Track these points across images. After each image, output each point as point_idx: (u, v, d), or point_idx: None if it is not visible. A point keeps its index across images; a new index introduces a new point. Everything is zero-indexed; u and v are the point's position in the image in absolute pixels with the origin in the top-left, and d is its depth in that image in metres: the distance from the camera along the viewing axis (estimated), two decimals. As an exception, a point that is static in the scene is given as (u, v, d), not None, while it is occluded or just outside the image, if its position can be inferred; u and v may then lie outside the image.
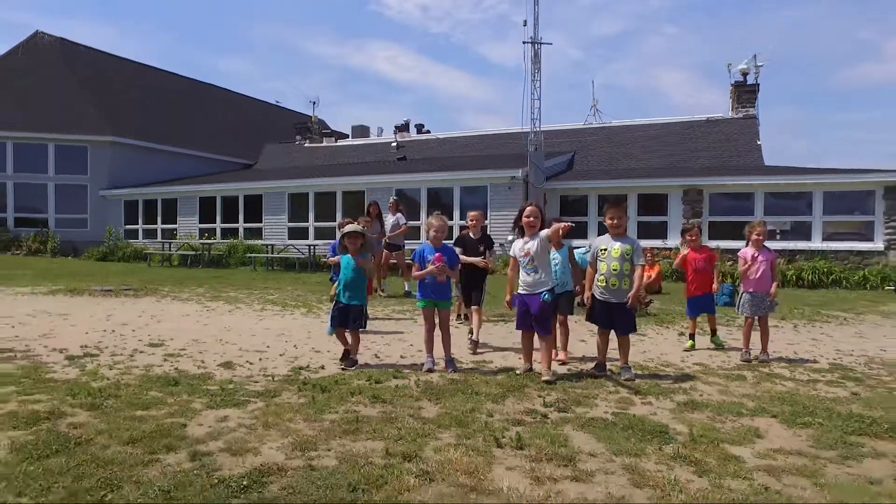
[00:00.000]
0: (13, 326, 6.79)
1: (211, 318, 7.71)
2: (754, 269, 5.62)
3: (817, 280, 14.30)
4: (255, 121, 33.87)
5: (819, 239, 15.69)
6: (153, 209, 22.82)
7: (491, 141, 24.90)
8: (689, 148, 21.65)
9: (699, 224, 16.52)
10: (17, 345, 5.70)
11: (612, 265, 4.58)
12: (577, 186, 17.94)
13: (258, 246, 18.87)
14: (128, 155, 24.26)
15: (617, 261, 4.57)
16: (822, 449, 3.18)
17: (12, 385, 4.16)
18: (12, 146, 23.25)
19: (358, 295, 5.05)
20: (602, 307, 4.67)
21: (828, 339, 6.98)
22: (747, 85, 22.43)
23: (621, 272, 4.58)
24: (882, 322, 8.51)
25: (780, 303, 6.47)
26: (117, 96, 26.39)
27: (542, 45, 17.08)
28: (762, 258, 5.63)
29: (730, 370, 5.16)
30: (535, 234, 4.57)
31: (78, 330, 6.63)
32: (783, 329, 7.76)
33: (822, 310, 9.82)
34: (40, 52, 26.24)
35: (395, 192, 17.43)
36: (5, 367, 4.75)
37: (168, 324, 7.18)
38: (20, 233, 22.54)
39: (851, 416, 3.70)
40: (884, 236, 15.09)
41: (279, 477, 2.64)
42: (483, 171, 17.03)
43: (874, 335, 7.31)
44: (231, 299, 9.80)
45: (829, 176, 15.89)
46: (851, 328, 7.92)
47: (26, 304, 8.79)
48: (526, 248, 4.56)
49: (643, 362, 5.35)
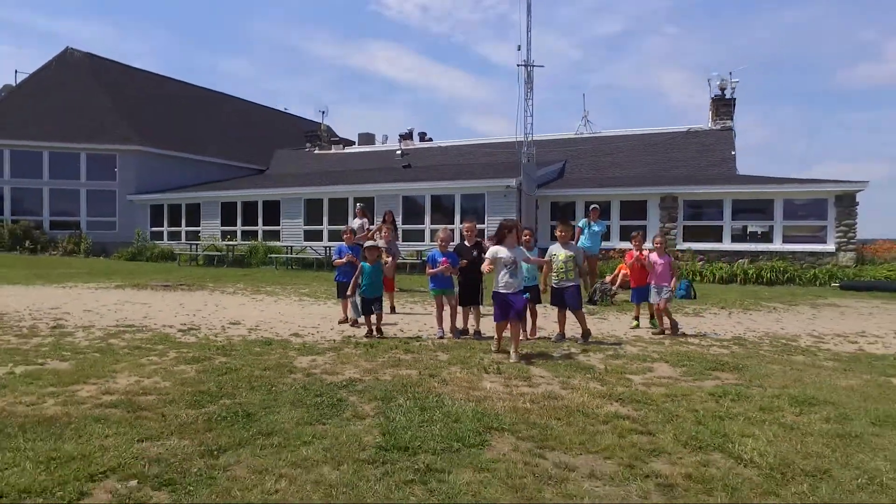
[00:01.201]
0: (115, 312, 8.79)
1: (263, 306, 9.72)
2: (657, 269, 7.57)
3: (775, 278, 16.29)
4: (265, 127, 35.89)
5: (780, 241, 17.71)
6: (178, 213, 24.81)
7: (489, 149, 26.88)
8: (670, 157, 23.64)
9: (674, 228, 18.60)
10: (132, 323, 7.70)
11: (559, 265, 6.59)
12: (565, 193, 19.96)
13: (278, 247, 20.89)
14: (152, 162, 26.28)
15: (563, 262, 6.58)
16: (684, 376, 5.18)
17: (161, 345, 6.16)
18: (48, 155, 25.28)
19: (377, 290, 7.05)
20: (556, 292, 6.67)
21: (748, 322, 8.97)
22: (725, 99, 24.48)
23: (566, 269, 6.58)
24: (805, 311, 10.49)
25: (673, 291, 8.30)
26: (141, 107, 28.39)
27: (535, 67, 19.11)
28: (661, 261, 7.60)
29: (653, 339, 7.17)
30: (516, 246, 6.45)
31: (167, 314, 8.63)
32: (719, 315, 9.75)
33: (765, 301, 11.80)
34: (70, 67, 28.25)
35: (402, 198, 19.54)
36: (143, 335, 6.75)
37: (232, 311, 9.18)
38: (56, 235, 24.55)
39: (714, 361, 5.71)
40: (835, 239, 17.11)
41: (360, 384, 4.65)
42: (481, 180, 19.06)
43: (788, 319, 9.30)
44: (270, 293, 11.80)
45: (788, 186, 17.92)
46: (776, 315, 9.91)
47: (105, 297, 10.79)
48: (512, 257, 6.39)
49: (596, 334, 7.35)
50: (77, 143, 25.30)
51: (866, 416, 3.95)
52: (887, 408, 4.18)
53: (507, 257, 5.97)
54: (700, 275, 16.95)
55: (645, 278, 8.35)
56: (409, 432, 3.46)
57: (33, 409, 3.82)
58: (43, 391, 4.25)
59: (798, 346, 6.84)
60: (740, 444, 3.39)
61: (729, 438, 3.49)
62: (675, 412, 4.03)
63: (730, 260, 17.56)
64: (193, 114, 31.36)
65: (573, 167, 24.27)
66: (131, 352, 5.74)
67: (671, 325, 7.58)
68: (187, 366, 5.17)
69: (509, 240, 6.03)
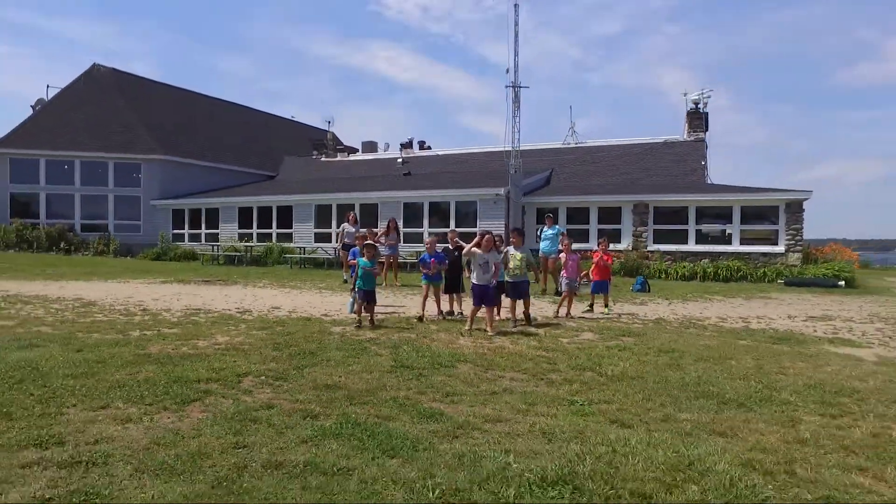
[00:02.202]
0: (177, 300, 11.15)
1: (292, 297, 12.09)
2: (568, 266, 9.91)
3: (730, 275, 18.68)
4: (275, 135, 38.32)
5: (738, 243, 20.06)
6: (198, 217, 27.20)
7: (483, 157, 29.24)
8: (646, 166, 26.00)
9: (645, 231, 20.95)
10: (198, 308, 10.05)
11: (515, 263, 8.87)
12: (549, 200, 22.32)
13: (291, 248, 23.28)
14: (173, 170, 28.68)
15: (518, 261, 8.88)
16: (598, 339, 7.54)
17: (230, 321, 8.52)
18: (79, 164, 27.70)
19: (371, 284, 8.88)
20: (512, 286, 8.96)
21: (680, 309, 11.31)
22: (698, 112, 26.89)
23: (519, 266, 8.87)
24: (737, 301, 12.81)
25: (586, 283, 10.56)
26: (161, 118, 30.80)
27: (521, 88, 21.49)
28: (571, 259, 9.96)
29: (592, 319, 9.52)
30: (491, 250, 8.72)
31: (219, 302, 10.98)
32: (660, 304, 12.10)
33: (710, 294, 14.13)
34: (97, 82, 30.66)
35: (403, 204, 21.96)
36: (212, 315, 9.11)
37: (269, 300, 11.53)
38: (86, 237, 26.95)
39: (625, 331, 8.08)
40: (785, 241, 19.46)
41: (377, 341, 7.02)
42: (473, 189, 21.45)
43: (715, 307, 11.64)
44: (294, 287, 14.16)
45: (745, 194, 20.29)
46: (708, 304, 12.25)
47: (160, 290, 13.14)
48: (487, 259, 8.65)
49: (551, 316, 9.69)
50: (105, 153, 27.71)
51: (693, 356, 6.32)
52: (711, 353, 6.55)
53: (481, 257, 8.28)
54: (665, 273, 19.36)
55: (605, 275, 10.71)
56: (409, 360, 5.85)
57: (178, 352, 6.18)
58: (176, 343, 6.61)
59: (700, 324, 9.20)
60: (605, 367, 5.77)
61: (600, 365, 5.86)
62: (576, 355, 6.41)
63: (693, 260, 19.93)
64: (209, 123, 33.77)
65: (559, 175, 26.63)
66: (213, 325, 8.11)
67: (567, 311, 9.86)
68: (258, 331, 7.54)
69: (484, 245, 8.30)
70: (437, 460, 3.30)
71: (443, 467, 3.21)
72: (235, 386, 4.86)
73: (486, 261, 8.19)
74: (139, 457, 3.29)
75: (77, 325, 7.79)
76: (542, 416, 4.20)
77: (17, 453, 3.31)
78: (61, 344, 6.35)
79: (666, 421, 4.15)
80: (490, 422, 4.07)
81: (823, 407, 4.53)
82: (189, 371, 5.23)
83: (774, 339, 7.82)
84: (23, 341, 6.45)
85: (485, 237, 8.28)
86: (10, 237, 25.72)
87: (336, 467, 3.17)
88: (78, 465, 3.17)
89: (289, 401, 4.46)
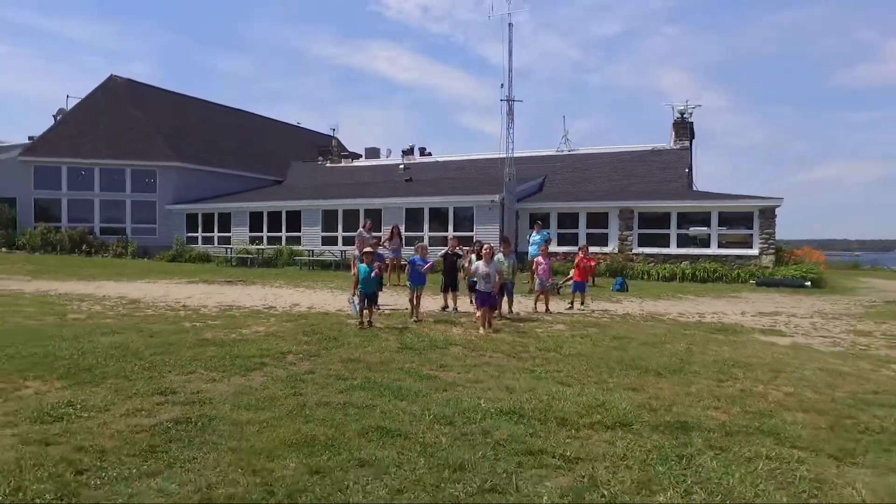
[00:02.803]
0: (207, 298, 12.75)
1: (308, 295, 13.69)
2: (542, 268, 11.51)
3: (706, 276, 20.27)
4: (281, 141, 39.99)
5: (716, 246, 21.66)
6: (211, 220, 28.84)
7: (480, 164, 30.86)
8: (634, 173, 27.60)
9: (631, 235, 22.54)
10: (229, 304, 11.65)
11: (506, 269, 10.49)
12: (542, 206, 23.95)
13: (300, 250, 24.91)
14: (186, 176, 30.35)
15: (508, 267, 10.48)
16: (567, 330, 9.13)
17: (261, 315, 10.13)
18: (98, 170, 29.37)
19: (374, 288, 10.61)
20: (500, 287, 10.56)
21: (649, 307, 12.90)
22: (684, 122, 28.53)
23: (507, 272, 10.46)
24: (706, 300, 14.38)
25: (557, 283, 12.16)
26: (175, 126, 32.46)
27: (515, 102, 23.10)
28: (545, 262, 11.57)
29: (568, 314, 11.12)
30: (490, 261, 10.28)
31: (245, 299, 12.57)
32: (634, 302, 13.69)
33: (684, 294, 15.70)
34: (114, 93, 32.33)
35: (405, 210, 23.60)
36: (244, 311, 10.71)
37: (288, 298, 13.12)
38: (106, 240, 28.59)
39: (592, 324, 9.67)
40: (759, 245, 21.05)
41: (385, 330, 8.62)
42: (470, 196, 23.10)
43: (682, 305, 13.23)
44: (307, 286, 15.77)
45: (722, 201, 21.89)
46: (677, 302, 13.84)
47: (188, 289, 14.74)
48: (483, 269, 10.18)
49: (535, 313, 11.28)
50: (123, 160, 29.38)
51: (639, 342, 7.93)
52: (654, 339, 8.16)
53: (483, 271, 9.78)
54: (648, 274, 20.96)
55: (584, 276, 12.32)
56: (412, 343, 7.47)
57: (229, 338, 7.78)
58: (224, 331, 8.22)
59: (660, 318, 10.80)
60: (564, 349, 7.37)
61: (561, 347, 7.46)
62: (545, 339, 8.02)
63: (675, 262, 21.52)
64: (219, 130, 35.43)
65: (552, 182, 28.25)
66: (248, 318, 9.72)
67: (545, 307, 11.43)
68: (287, 323, 9.15)
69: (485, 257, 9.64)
70: (432, 402, 4.92)
71: (436, 405, 4.82)
72: (282, 360, 6.47)
73: (489, 273, 9.62)
74: (232, 400, 4.91)
75: (135, 318, 9.41)
76: (508, 380, 5.81)
77: (149, 398, 4.92)
78: (135, 332, 7.97)
79: (598, 383, 5.75)
80: (471, 382, 5.68)
81: (718, 374, 6.14)
82: (243, 350, 6.85)
83: (714, 329, 9.43)
84: (104, 329, 8.07)
85: (484, 248, 9.74)
86: (35, 240, 27.36)
87: (365, 405, 4.79)
88: (193, 403, 4.78)
89: (324, 369, 6.07)
